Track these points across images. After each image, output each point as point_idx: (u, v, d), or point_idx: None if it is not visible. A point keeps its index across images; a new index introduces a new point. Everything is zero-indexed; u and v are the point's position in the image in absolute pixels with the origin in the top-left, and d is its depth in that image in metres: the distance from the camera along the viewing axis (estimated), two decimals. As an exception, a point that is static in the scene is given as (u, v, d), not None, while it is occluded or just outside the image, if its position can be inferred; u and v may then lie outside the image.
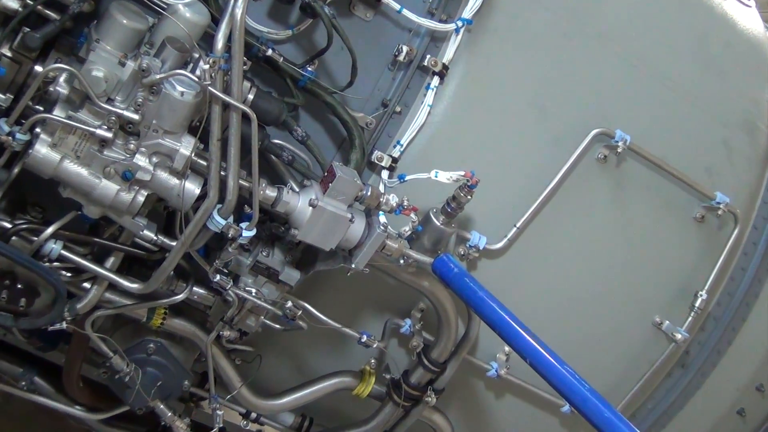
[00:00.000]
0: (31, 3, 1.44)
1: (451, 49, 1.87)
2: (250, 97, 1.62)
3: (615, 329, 2.18)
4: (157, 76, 1.43)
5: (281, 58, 1.69)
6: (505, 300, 2.08)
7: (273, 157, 1.77)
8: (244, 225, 1.57)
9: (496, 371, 2.07)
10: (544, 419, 2.21)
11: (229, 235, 1.54)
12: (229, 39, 1.45)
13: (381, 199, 1.64)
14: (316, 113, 1.87)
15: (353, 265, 1.65)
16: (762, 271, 2.25)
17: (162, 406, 1.87)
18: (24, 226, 1.59)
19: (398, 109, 1.88)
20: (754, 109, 2.25)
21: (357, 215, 1.63)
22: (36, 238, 1.59)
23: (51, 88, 1.46)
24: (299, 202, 1.58)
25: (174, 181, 1.53)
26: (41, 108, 1.49)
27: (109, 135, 1.46)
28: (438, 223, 1.78)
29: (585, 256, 2.11)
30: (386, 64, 1.86)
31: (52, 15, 1.49)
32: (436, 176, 1.70)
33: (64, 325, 1.68)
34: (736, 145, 2.21)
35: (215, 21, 1.51)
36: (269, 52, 1.67)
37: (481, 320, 1.90)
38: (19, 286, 1.61)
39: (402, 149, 1.88)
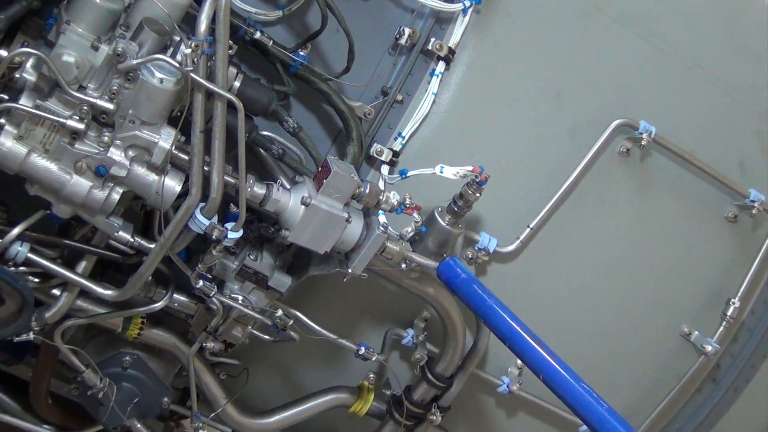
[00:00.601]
0: (-5, -19, 1.45)
1: (458, 32, 1.87)
2: (237, 84, 1.62)
3: (638, 340, 2.19)
4: (134, 62, 1.43)
5: (270, 42, 1.69)
6: (517, 308, 2.09)
7: (261, 150, 1.77)
8: (229, 225, 1.57)
9: (507, 387, 2.08)
10: (561, 440, 2.23)
11: (213, 237, 1.54)
12: (213, 20, 1.45)
13: (380, 197, 1.64)
14: (309, 102, 1.87)
15: (350, 270, 1.65)
16: (801, 277, 2.26)
17: (139, 426, 1.88)
18: (-14, 226, 1.59)
19: (400, 97, 1.89)
20: (791, 98, 2.26)
21: (354, 215, 1.63)
22: (0, 240, 1.59)
23: (17, 75, 1.46)
24: (290, 200, 1.59)
25: (152, 176, 1.53)
26: (6, 96, 1.49)
27: (81, 126, 1.46)
28: (443, 224, 1.78)
29: (605, 260, 2.12)
30: (386, 48, 1.87)
31: (18, -6, 1.49)
32: (441, 172, 1.71)
33: (31, 335, 1.68)
34: (773, 138, 2.22)
35: (198, 1, 1.51)
36: (257, 34, 1.67)
37: (490, 331, 1.91)
38: (-19, 293, 1.61)
39: (404, 142, 1.89)
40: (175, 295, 1.79)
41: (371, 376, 2.06)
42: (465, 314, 1.94)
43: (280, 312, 1.78)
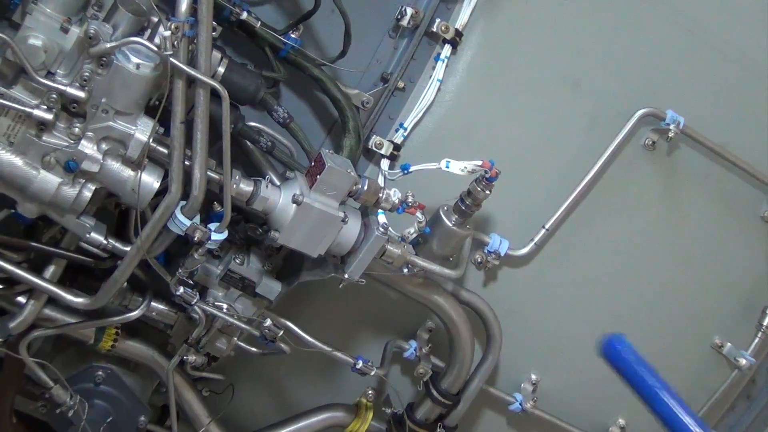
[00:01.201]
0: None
1: (466, 12, 1.88)
2: (221, 70, 1.62)
3: (666, 353, 2.19)
4: (108, 45, 1.43)
5: (258, 23, 1.69)
6: (530, 318, 2.10)
7: (248, 143, 1.78)
8: (213, 226, 1.57)
9: (520, 404, 2.08)
10: (579, 462, 2.23)
11: (195, 239, 1.54)
12: (195, -1, 1.45)
13: (380, 195, 1.64)
14: (301, 90, 1.88)
15: (346, 275, 1.65)
16: None
17: (113, 447, 1.88)
18: (-55, 227, 1.60)
19: (401, 84, 1.89)
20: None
21: (351, 214, 1.63)
22: (-41, 243, 1.60)
23: (-23, 60, 1.46)
24: (280, 198, 1.59)
25: (128, 172, 1.53)
26: (-34, 84, 1.49)
27: (50, 117, 1.45)
28: (450, 224, 1.78)
29: (628, 265, 2.12)
30: (387, 31, 1.87)
31: (-20, -29, 1.49)
32: (447, 167, 1.71)
33: (-6, 348, 1.69)
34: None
35: (178, -23, 1.51)
36: (244, 15, 1.67)
37: (501, 344, 1.90)
38: (-61, 300, 1.62)
39: (406, 134, 1.89)
40: (152, 303, 1.79)
41: (370, 392, 2.06)
42: (473, 324, 1.95)
43: (269, 322, 1.78)
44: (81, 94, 1.46)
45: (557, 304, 2.12)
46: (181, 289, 1.68)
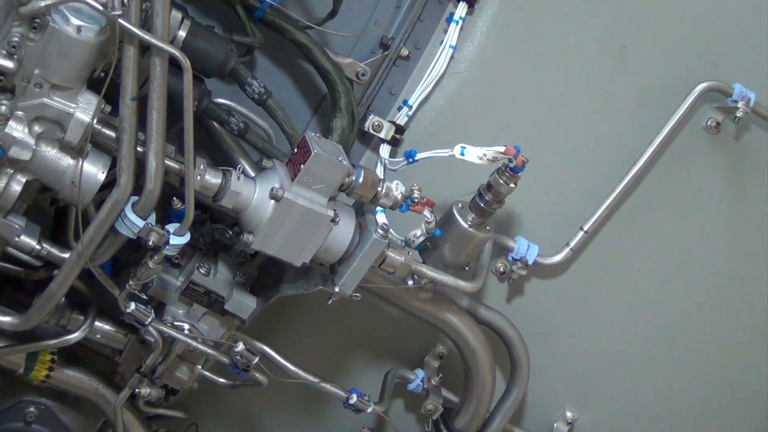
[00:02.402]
0: None
1: (485, -38, 1.88)
2: (182, 34, 1.62)
3: (733, 384, 2.20)
4: (42, 3, 1.42)
5: (228, -24, 1.70)
6: (567, 341, 2.10)
7: (216, 125, 1.78)
8: (172, 228, 1.57)
9: (553, 449, 2.09)
10: None
11: (150, 243, 1.54)
12: (149, -54, 1.45)
13: (379, 189, 1.64)
14: (281, 59, 1.88)
15: (337, 289, 1.65)
16: None
17: (48, 501, 1.88)
18: None
19: (405, 52, 1.89)
20: None
21: (343, 213, 1.63)
22: None
23: None
24: (255, 192, 1.58)
25: (66, 161, 1.53)
26: None
27: (-32, 92, 1.46)
28: (465, 225, 1.78)
29: (687, 275, 2.13)
30: (387, -15, 1.88)
31: None
32: (462, 154, 1.70)
33: None
34: None
35: None
36: (210, -34, 1.68)
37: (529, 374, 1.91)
38: None
39: (411, 113, 1.89)
40: (96, 323, 1.79)
41: (366, 432, 2.07)
42: (494, 349, 1.95)
43: (241, 346, 1.78)
44: (8, 64, 1.45)
45: (598, 324, 2.12)
46: (133, 306, 1.67)
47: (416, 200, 1.66)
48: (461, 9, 1.88)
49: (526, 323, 2.01)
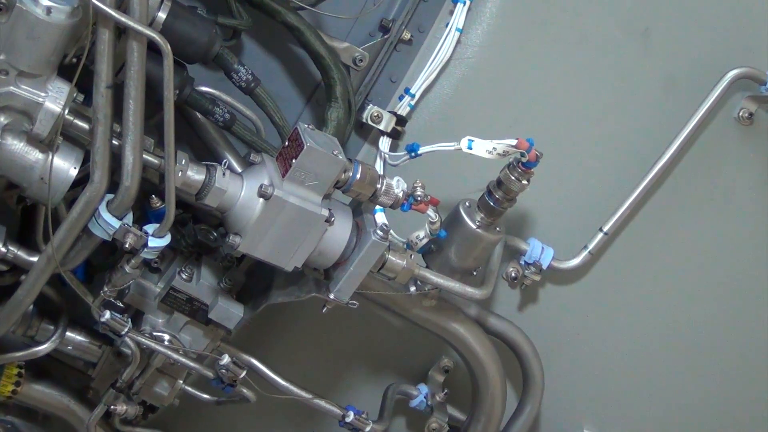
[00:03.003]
0: None
1: (495, -63, 1.88)
2: (162, 15, 1.62)
3: None
4: (8, -18, 1.43)
5: (212, -48, 1.70)
6: (585, 353, 2.10)
7: (199, 115, 1.78)
8: (150, 229, 1.57)
9: (569, 472, 2.10)
10: None
11: (127, 246, 1.54)
12: None
13: (378, 186, 1.64)
14: (271, 43, 1.88)
15: (332, 296, 1.65)
16: None
17: None
18: None
19: (407, 35, 1.89)
20: None
21: (338, 212, 1.63)
22: None
23: None
24: (242, 190, 1.58)
25: (35, 155, 1.53)
26: None
27: (-74, 79, 1.46)
28: (473, 226, 1.78)
29: (717, 280, 2.12)
30: (387, -39, 1.88)
31: None
32: (469, 147, 1.70)
33: None
34: None
35: None
36: (192, -59, 1.68)
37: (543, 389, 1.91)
38: None
39: (413, 103, 1.89)
40: (68, 334, 1.79)
41: (364, 455, 2.07)
42: (505, 361, 1.95)
43: (226, 359, 1.78)
44: (-30, 48, 1.45)
45: (620, 335, 2.12)
46: (108, 314, 1.67)
47: (419, 198, 1.65)
48: (469, -12, 1.88)
49: (540, 333, 2.01)
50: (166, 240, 1.57)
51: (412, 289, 1.79)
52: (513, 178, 1.72)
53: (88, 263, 1.73)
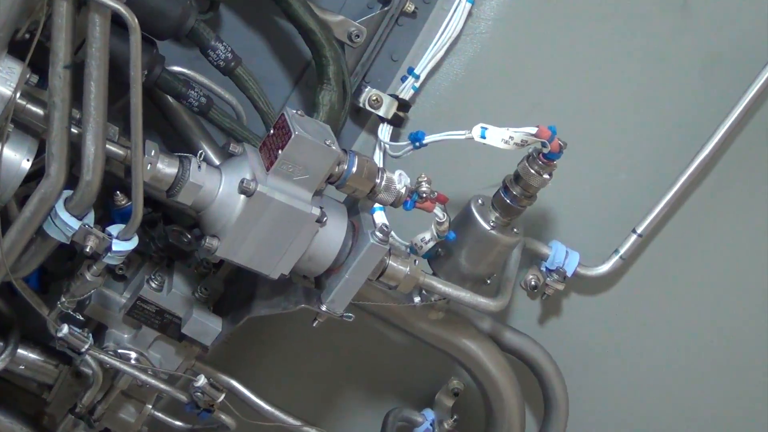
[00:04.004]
0: None
1: None
2: (128, -16, 1.62)
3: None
4: (-51, -54, 1.43)
5: None
6: (615, 373, 2.10)
7: (171, 99, 1.78)
8: (114, 230, 1.57)
9: None
10: None
11: (87, 250, 1.54)
12: None
13: (377, 181, 1.63)
14: (253, 16, 1.88)
15: (324, 307, 1.64)
16: None
17: None
18: None
19: (411, 7, 1.89)
20: None
21: (331, 211, 1.63)
22: None
23: None
24: (220, 185, 1.58)
25: (-18, 145, 1.53)
26: None
27: None
28: (487, 227, 1.78)
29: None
30: None
31: None
32: (482, 136, 1.69)
33: None
34: None
35: None
36: None
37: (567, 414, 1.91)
38: None
39: (417, 85, 1.89)
40: (19, 351, 1.79)
41: (361, 490, 2.08)
42: (524, 383, 1.95)
43: (202, 380, 1.77)
44: None
45: (656, 352, 2.13)
46: (65, 329, 1.67)
47: (425, 195, 1.65)
48: (481, -47, 1.89)
49: (563, 350, 2.02)
50: (132, 243, 1.57)
51: (417, 299, 1.79)
52: (533, 171, 1.72)
53: (42, 270, 1.73)
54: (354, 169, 1.60)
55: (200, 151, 1.66)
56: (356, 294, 1.64)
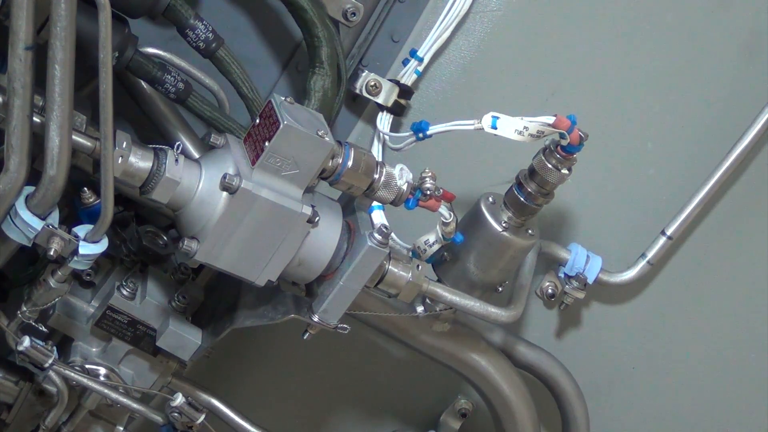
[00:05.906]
0: None
1: None
2: (96, -44, 1.62)
3: None
4: None
5: None
6: (642, 391, 2.10)
7: (145, 84, 1.78)
8: (82, 231, 1.56)
9: None
10: None
11: (51, 253, 1.54)
12: None
13: (375, 176, 1.64)
14: (236, -8, 1.88)
15: (316, 318, 1.65)
16: None
17: None
18: None
19: (413, -19, 1.90)
20: None
21: (324, 210, 1.63)
22: None
23: None
24: (200, 181, 1.58)
25: (-67, 136, 1.53)
26: None
27: None
28: (498, 228, 1.78)
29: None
30: None
31: None
32: (493, 126, 1.69)
33: None
34: None
35: None
36: None
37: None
38: None
39: (421, 69, 1.89)
40: (-24, 367, 1.79)
41: None
42: (540, 403, 1.96)
43: (180, 399, 1.78)
44: None
45: (687, 368, 2.13)
46: (27, 342, 1.66)
47: (429, 192, 1.65)
48: None
49: (584, 367, 2.03)
50: (101, 246, 1.57)
51: (420, 309, 1.79)
52: (550, 166, 1.71)
53: (1, 276, 1.72)
54: (350, 164, 1.60)
55: (177, 143, 1.65)
56: (352, 303, 1.64)
